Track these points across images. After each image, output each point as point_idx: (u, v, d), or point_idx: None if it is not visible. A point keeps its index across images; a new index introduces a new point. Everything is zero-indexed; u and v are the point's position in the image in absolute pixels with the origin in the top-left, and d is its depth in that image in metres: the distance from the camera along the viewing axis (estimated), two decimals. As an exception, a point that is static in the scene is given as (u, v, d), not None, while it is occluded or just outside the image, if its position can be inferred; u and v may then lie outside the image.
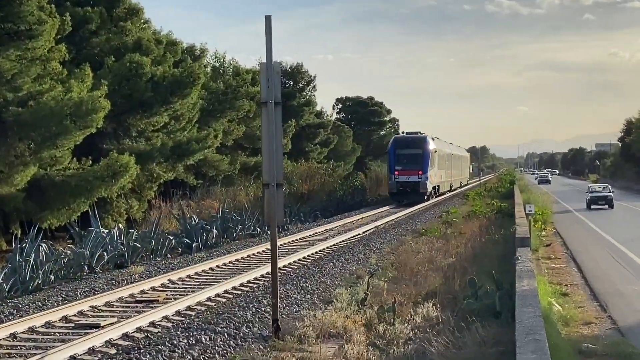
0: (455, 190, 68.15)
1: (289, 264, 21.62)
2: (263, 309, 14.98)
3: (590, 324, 15.00)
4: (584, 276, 21.62)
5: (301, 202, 45.16)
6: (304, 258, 22.90)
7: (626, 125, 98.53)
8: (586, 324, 15.00)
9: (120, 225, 26.48)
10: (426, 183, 49.83)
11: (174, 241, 26.03)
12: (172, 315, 14.36)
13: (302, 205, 43.62)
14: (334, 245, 26.50)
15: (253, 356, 11.59)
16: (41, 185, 27.47)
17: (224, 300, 16.17)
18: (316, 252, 24.27)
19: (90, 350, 11.80)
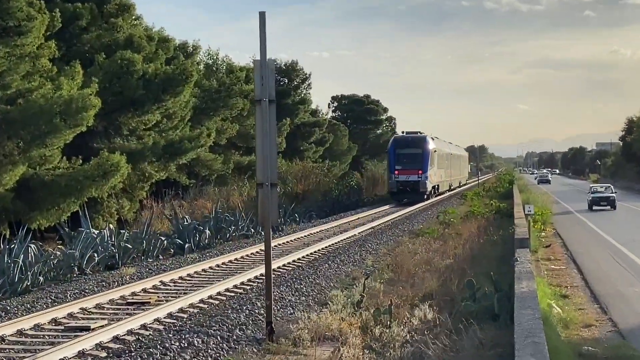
0: (454, 190, 69.43)
1: (284, 265, 21.62)
2: (257, 311, 14.98)
3: (590, 327, 15.02)
4: (584, 278, 21.65)
5: (296, 202, 45.15)
6: (298, 259, 22.91)
7: (627, 124, 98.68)
8: (586, 326, 15.02)
9: (111, 226, 26.43)
10: (426, 182, 50.77)
11: (165, 242, 26.02)
12: (164, 318, 14.36)
13: (297, 206, 43.60)
14: (329, 246, 26.51)
15: (246, 359, 11.58)
16: (30, 185, 27.41)
17: (216, 302, 16.16)
18: (311, 253, 24.27)
19: (80, 354, 11.79)
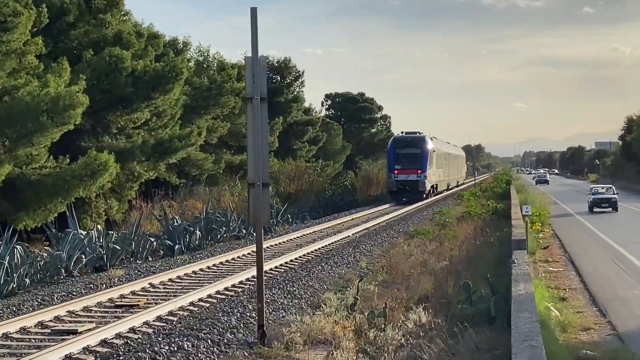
0: (452, 189, 71.03)
1: (276, 267, 21.62)
2: (248, 314, 14.98)
3: (589, 330, 15.04)
4: (582, 280, 21.69)
5: (289, 203, 45.14)
6: (291, 261, 22.91)
7: (627, 123, 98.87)
8: (585, 329, 15.04)
9: (99, 227, 26.42)
10: (425, 182, 52.66)
11: (155, 243, 25.99)
12: (153, 321, 14.34)
13: (290, 206, 43.59)
14: (322, 247, 26.51)
15: (237, 363, 11.58)
16: (16, 185, 27.36)
17: (207, 305, 16.15)
18: (304, 255, 24.27)
19: (66, 358, 11.78)
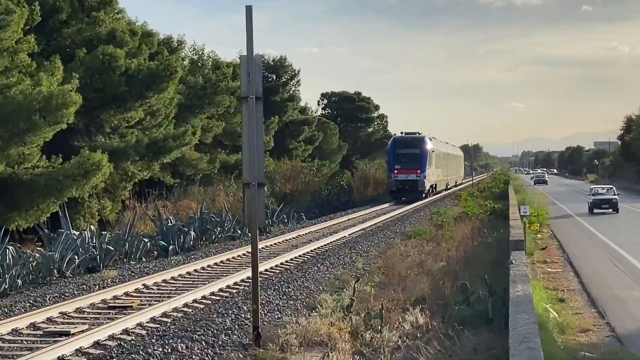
0: (450, 189, 72.54)
1: (271, 268, 21.62)
2: (243, 315, 14.98)
3: (587, 332, 15.04)
4: (581, 281, 21.69)
5: (284, 203, 45.13)
6: (286, 262, 22.91)
7: (626, 123, 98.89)
8: (583, 331, 15.05)
9: (92, 227, 26.38)
10: (424, 181, 54.62)
11: (149, 244, 25.97)
12: (147, 322, 14.33)
13: (285, 206, 43.58)
14: (318, 248, 26.51)
15: (232, 365, 11.57)
16: (8, 185, 27.32)
17: (201, 306, 16.15)
18: (300, 256, 24.28)
19: (59, 360, 11.76)
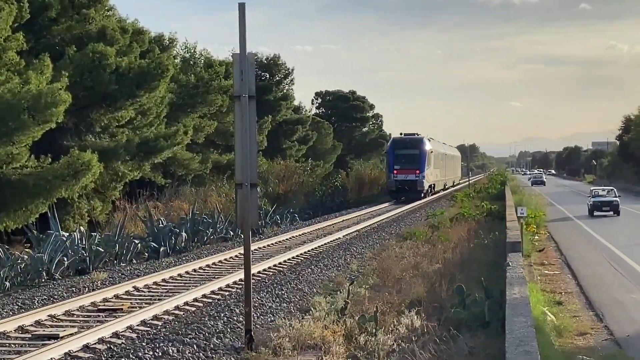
0: (448, 189, 74.01)
1: (264, 270, 21.61)
2: (235, 318, 14.97)
3: (585, 335, 15.07)
4: (579, 284, 21.72)
5: (277, 204, 45.13)
6: (279, 264, 22.90)
7: (624, 123, 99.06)
8: (581, 334, 15.07)
9: (82, 228, 26.33)
10: (423, 181, 56.49)
11: (139, 245, 25.94)
12: (137, 325, 14.31)
13: (279, 207, 43.59)
14: (312, 249, 26.51)
15: (224, 369, 11.57)
16: (-4, 185, 27.26)
17: (193, 309, 16.13)
18: (293, 258, 24.27)
19: (48, 363, 11.74)
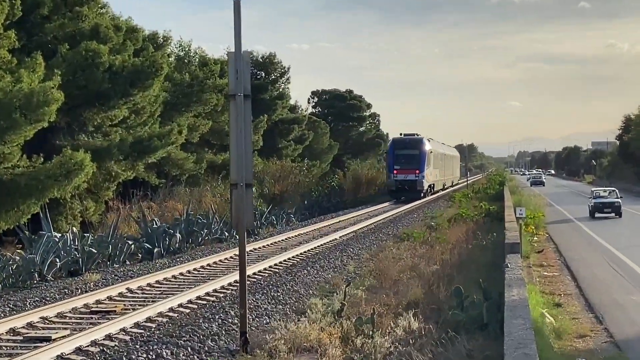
0: (447, 189, 75.06)
1: (259, 271, 21.60)
2: (230, 320, 14.95)
3: (585, 337, 15.06)
4: (578, 285, 21.73)
5: (273, 204, 45.11)
6: (275, 265, 22.89)
7: (624, 122, 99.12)
8: (581, 337, 15.06)
9: (75, 229, 26.28)
10: (423, 181, 57.79)
11: (133, 246, 25.93)
12: (131, 328, 14.29)
13: (274, 208, 43.57)
14: (308, 251, 26.49)
15: (219, 372, 11.54)
16: (-13, 185, 27.21)
17: (187, 311, 16.11)
18: (289, 259, 24.26)
19: (39, 366, 11.71)
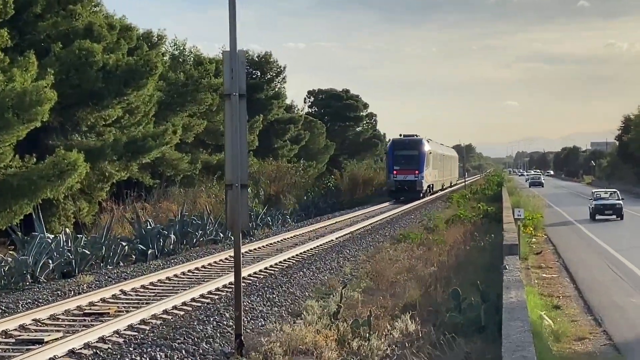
0: (446, 189, 76.12)
1: (255, 273, 21.60)
2: (225, 322, 14.95)
3: (584, 340, 15.09)
4: (577, 287, 21.76)
5: (269, 205, 45.12)
6: (271, 266, 22.89)
7: (624, 122, 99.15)
8: (579, 339, 15.09)
9: (68, 230, 26.27)
10: (422, 182, 59.05)
11: (127, 248, 25.92)
12: (124, 330, 14.29)
13: (270, 209, 43.57)
14: (304, 252, 26.50)
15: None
16: (-21, 185, 27.18)
17: (182, 313, 16.11)
18: (285, 260, 24.26)
19: (32, 369, 11.71)
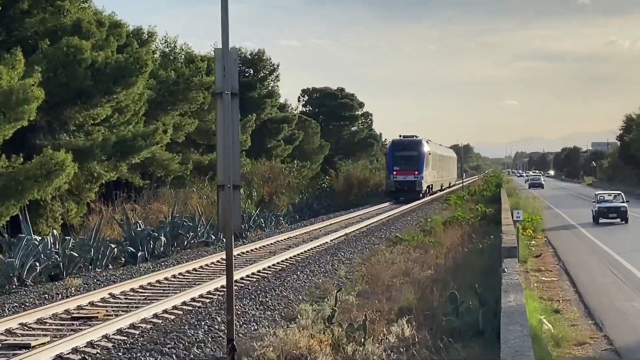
0: (445, 190, 77.46)
1: (247, 276, 21.58)
2: (217, 327, 14.94)
3: (584, 345, 15.10)
4: (577, 291, 21.78)
5: (262, 206, 45.11)
6: (264, 269, 22.88)
7: (625, 122, 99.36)
8: (580, 344, 15.10)
9: (55, 232, 26.25)
10: (421, 182, 60.77)
11: (116, 250, 25.88)
12: (113, 334, 14.27)
13: (263, 210, 43.55)
14: (298, 254, 26.49)
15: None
16: (-36, 186, 27.13)
17: (172, 317, 16.10)
18: (278, 263, 24.25)
19: (18, 374, 11.68)
